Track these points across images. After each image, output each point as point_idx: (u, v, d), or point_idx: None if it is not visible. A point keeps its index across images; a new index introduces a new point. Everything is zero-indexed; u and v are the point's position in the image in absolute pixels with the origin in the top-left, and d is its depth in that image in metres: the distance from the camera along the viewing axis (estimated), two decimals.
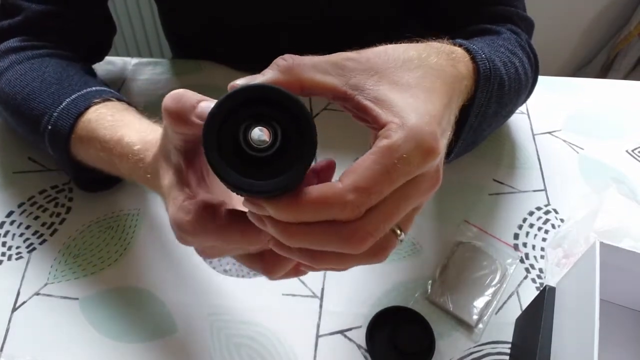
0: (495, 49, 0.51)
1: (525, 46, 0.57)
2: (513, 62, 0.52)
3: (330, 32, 0.70)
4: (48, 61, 0.56)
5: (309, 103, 0.69)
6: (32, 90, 0.53)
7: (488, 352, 0.49)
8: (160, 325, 0.50)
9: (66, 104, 0.50)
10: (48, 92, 0.52)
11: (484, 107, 0.46)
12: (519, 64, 0.53)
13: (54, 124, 0.50)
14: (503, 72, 0.48)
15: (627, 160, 0.64)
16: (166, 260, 0.54)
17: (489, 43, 0.53)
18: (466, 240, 0.56)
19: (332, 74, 0.31)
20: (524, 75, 0.54)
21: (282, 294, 0.52)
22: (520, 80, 0.53)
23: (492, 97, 0.47)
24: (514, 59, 0.53)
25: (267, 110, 0.28)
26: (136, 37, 1.41)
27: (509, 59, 0.52)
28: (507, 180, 0.61)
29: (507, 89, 0.50)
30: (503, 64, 0.49)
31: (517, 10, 0.60)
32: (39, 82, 0.53)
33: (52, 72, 0.55)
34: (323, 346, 0.49)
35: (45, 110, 0.51)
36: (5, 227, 0.56)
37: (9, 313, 0.50)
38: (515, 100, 0.56)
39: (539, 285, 0.53)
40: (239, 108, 0.28)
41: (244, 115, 0.28)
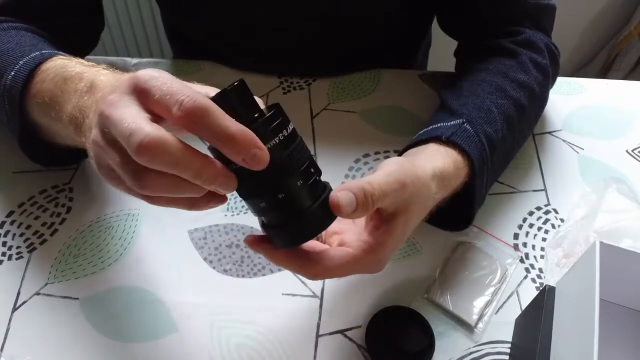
0: (497, 102, 0.56)
1: (541, 61, 0.61)
2: (520, 102, 0.57)
3: (333, 32, 0.70)
4: (23, 33, 0.55)
5: (309, 103, 0.69)
6: (6, 49, 0.51)
7: (488, 352, 0.49)
8: (160, 325, 0.50)
9: (33, 55, 0.49)
10: (21, 50, 0.50)
11: (488, 173, 0.54)
12: (526, 99, 0.58)
13: (16, 72, 0.48)
14: (505, 133, 0.55)
15: (627, 160, 0.64)
16: (166, 260, 0.54)
17: (495, 93, 0.57)
18: (466, 240, 0.56)
19: (386, 203, 0.40)
20: (530, 104, 0.59)
21: (282, 294, 0.52)
22: (527, 112, 0.59)
23: (494, 161, 0.54)
24: (522, 94, 0.58)
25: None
26: (136, 37, 1.41)
27: (516, 102, 0.57)
28: (507, 180, 0.61)
29: (512, 138, 0.57)
30: (506, 119, 0.55)
31: (537, 2, 0.63)
32: (14, 43, 0.52)
33: (29, 39, 0.53)
34: (323, 346, 0.49)
35: (13, 62, 0.49)
36: (5, 227, 0.56)
37: (9, 313, 0.50)
38: (529, 126, 0.64)
39: (539, 285, 0.53)
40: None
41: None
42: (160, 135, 0.31)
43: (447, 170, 0.47)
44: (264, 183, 0.35)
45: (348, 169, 0.62)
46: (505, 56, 0.61)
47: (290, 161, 0.35)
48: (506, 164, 0.60)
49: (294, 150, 0.35)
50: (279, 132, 0.34)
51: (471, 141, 0.51)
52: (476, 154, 0.50)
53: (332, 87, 0.71)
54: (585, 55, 1.66)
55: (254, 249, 0.41)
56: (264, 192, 0.36)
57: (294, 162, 0.35)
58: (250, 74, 0.72)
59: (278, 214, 0.37)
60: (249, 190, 0.36)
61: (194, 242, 0.55)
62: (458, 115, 0.54)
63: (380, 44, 0.74)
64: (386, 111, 0.68)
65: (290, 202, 0.36)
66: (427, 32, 0.85)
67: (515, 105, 0.57)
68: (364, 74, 0.73)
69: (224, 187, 0.34)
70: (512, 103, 0.56)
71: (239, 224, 0.57)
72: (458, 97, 0.57)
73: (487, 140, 0.52)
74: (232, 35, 0.72)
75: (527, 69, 0.59)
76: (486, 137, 0.52)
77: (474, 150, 0.51)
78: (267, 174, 0.34)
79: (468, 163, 0.50)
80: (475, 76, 0.59)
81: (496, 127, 0.54)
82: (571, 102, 0.71)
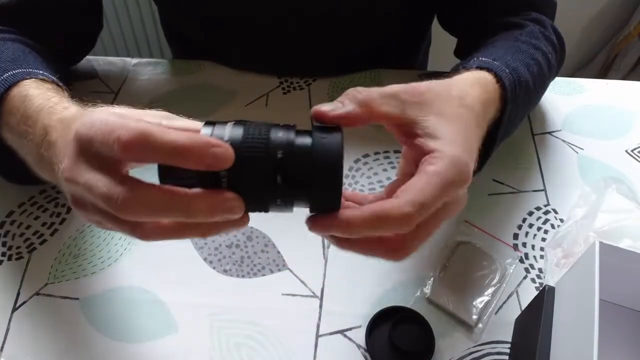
0: (517, 52, 0.54)
1: (549, 35, 0.60)
2: (536, 58, 0.55)
3: (333, 32, 0.70)
4: (10, 44, 0.54)
5: (309, 103, 0.69)
6: None
7: (488, 352, 0.49)
8: (160, 325, 0.50)
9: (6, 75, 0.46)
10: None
11: (512, 116, 0.51)
12: (542, 59, 0.56)
13: None
14: (528, 77, 0.52)
15: (627, 160, 0.64)
16: (166, 260, 0.54)
17: (512, 46, 0.55)
18: (466, 240, 0.56)
19: (393, 105, 0.37)
20: (547, 68, 0.58)
21: (282, 294, 0.52)
22: (544, 75, 0.58)
23: (519, 104, 0.51)
24: (537, 54, 0.56)
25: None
26: (136, 37, 1.41)
27: (533, 56, 0.55)
28: (507, 180, 0.61)
29: (533, 89, 0.54)
30: (527, 66, 0.53)
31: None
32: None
33: (10, 51, 0.51)
34: (323, 346, 0.49)
35: None
36: (5, 227, 0.56)
37: (9, 313, 0.50)
38: (541, 94, 0.62)
39: (539, 285, 0.53)
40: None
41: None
42: (132, 191, 0.30)
43: (483, 78, 0.45)
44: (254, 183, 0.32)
45: (348, 169, 0.62)
46: (513, 28, 0.59)
47: (253, 142, 0.32)
48: (520, 121, 0.57)
49: (250, 129, 0.33)
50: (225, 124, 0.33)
51: (501, 69, 0.48)
52: (507, 82, 0.47)
53: (332, 87, 0.71)
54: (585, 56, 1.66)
55: (322, 225, 0.34)
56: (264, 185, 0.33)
57: (257, 140, 0.32)
58: (250, 74, 0.72)
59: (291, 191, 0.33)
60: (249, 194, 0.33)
61: (194, 242, 0.56)
62: (481, 55, 0.51)
63: (380, 44, 0.74)
64: None
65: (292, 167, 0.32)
66: (427, 32, 0.85)
67: (533, 59, 0.55)
68: (364, 74, 0.73)
69: (231, 210, 0.31)
70: (530, 56, 0.55)
71: None
72: (470, 57, 0.54)
73: (515, 75, 0.49)
74: (231, 35, 0.72)
75: (537, 37, 0.58)
76: (514, 71, 0.49)
77: (505, 77, 0.47)
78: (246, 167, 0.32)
79: (500, 87, 0.46)
80: (483, 46, 0.58)
81: (521, 69, 0.51)
82: (571, 102, 0.71)
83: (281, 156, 0.32)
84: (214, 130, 0.33)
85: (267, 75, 0.72)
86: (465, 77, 0.45)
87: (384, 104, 0.37)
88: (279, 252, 0.55)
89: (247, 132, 0.33)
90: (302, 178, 0.33)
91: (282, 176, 0.32)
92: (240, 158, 0.31)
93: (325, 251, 0.55)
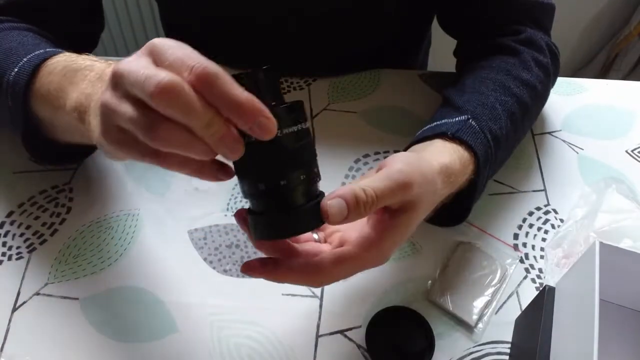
0: (503, 97, 0.56)
1: (542, 60, 0.61)
2: (522, 100, 0.57)
3: (333, 32, 0.70)
4: (26, 33, 0.55)
5: (309, 103, 0.69)
6: (9, 47, 0.52)
7: (488, 352, 0.49)
8: (160, 325, 0.50)
9: (36, 53, 0.49)
10: (24, 49, 0.51)
11: (490, 169, 0.54)
12: (528, 99, 0.58)
13: (19, 69, 0.49)
14: (509, 129, 0.55)
15: (627, 160, 0.64)
16: (166, 260, 0.54)
17: (500, 87, 0.57)
18: (466, 240, 0.56)
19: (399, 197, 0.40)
20: (533, 102, 0.59)
21: (282, 294, 0.52)
22: (530, 110, 0.60)
23: (497, 158, 0.54)
24: (525, 92, 0.58)
25: None
26: (136, 37, 1.41)
27: (520, 99, 0.57)
28: (507, 180, 0.61)
29: (514, 135, 0.57)
30: (510, 115, 0.56)
31: (537, 0, 0.63)
32: (17, 42, 0.52)
33: (31, 39, 0.54)
34: (323, 346, 0.49)
35: (16, 60, 0.50)
36: (5, 227, 0.56)
37: (9, 313, 0.50)
38: (530, 125, 0.64)
39: (539, 285, 0.53)
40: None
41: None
42: (175, 78, 0.31)
43: (453, 167, 0.47)
44: (272, 164, 0.35)
45: (348, 169, 0.62)
46: (507, 54, 0.61)
47: (300, 153, 0.36)
48: (505, 160, 0.60)
49: (306, 145, 0.36)
50: (296, 124, 0.35)
51: (477, 137, 0.51)
52: (482, 151, 0.50)
53: (332, 87, 0.71)
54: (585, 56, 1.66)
55: (253, 273, 0.41)
56: (269, 174, 0.36)
57: (304, 155, 0.36)
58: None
59: (271, 201, 0.37)
60: (256, 167, 0.36)
61: (194, 242, 0.56)
62: (463, 111, 0.54)
63: (380, 44, 0.74)
64: (386, 111, 0.68)
65: (288, 193, 0.36)
66: (427, 32, 0.85)
67: (519, 103, 0.57)
68: (364, 74, 0.73)
69: (231, 149, 0.33)
70: (516, 101, 0.56)
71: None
72: (462, 94, 0.57)
73: (492, 137, 0.52)
74: (231, 35, 0.72)
75: (529, 67, 0.59)
76: (491, 133, 0.52)
77: (480, 147, 0.50)
78: (277, 157, 0.35)
79: (474, 160, 0.50)
80: (478, 74, 0.59)
81: (500, 125, 0.54)
82: (571, 102, 0.71)
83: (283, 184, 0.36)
84: (285, 115, 0.35)
85: None
86: (449, 161, 0.48)
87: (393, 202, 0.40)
88: None
89: (301, 148, 0.36)
90: (267, 212, 0.38)
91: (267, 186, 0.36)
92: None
93: None
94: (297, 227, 0.37)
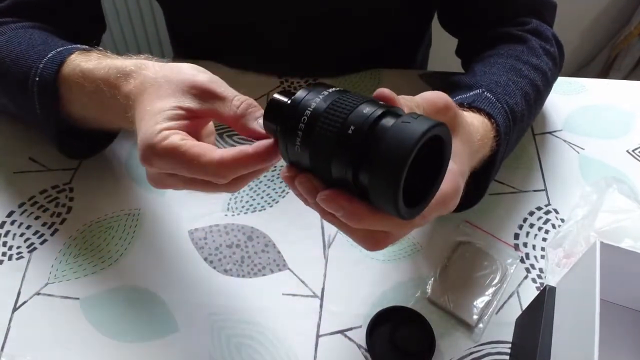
0: (517, 78, 0.55)
1: (549, 48, 0.61)
2: (535, 83, 0.57)
3: (333, 32, 0.70)
4: (32, 31, 0.56)
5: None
6: (19, 52, 0.53)
7: (488, 352, 0.49)
8: (160, 325, 0.50)
9: (52, 54, 0.50)
10: (35, 50, 0.52)
11: (508, 145, 0.52)
12: (540, 82, 0.58)
13: (41, 73, 0.50)
14: (524, 109, 0.54)
15: (627, 160, 0.64)
16: (166, 260, 0.54)
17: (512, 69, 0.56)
18: (466, 240, 0.56)
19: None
20: (544, 88, 0.59)
21: (282, 293, 0.52)
22: (541, 97, 0.60)
23: (514, 133, 0.53)
24: (537, 77, 0.57)
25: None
26: (136, 37, 1.41)
27: (532, 81, 0.56)
28: (508, 180, 0.61)
29: (528, 116, 0.56)
30: (524, 95, 0.54)
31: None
32: (26, 45, 0.53)
33: (38, 35, 0.55)
34: (323, 346, 0.49)
35: (32, 65, 0.51)
36: (5, 227, 0.56)
37: (9, 313, 0.50)
38: (539, 110, 0.64)
39: (539, 285, 0.53)
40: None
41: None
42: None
43: (479, 128, 0.45)
44: (318, 151, 0.33)
45: None
46: (514, 43, 0.60)
47: (332, 117, 0.32)
48: (515, 145, 0.59)
49: (339, 101, 0.33)
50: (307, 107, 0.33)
51: (494, 107, 0.49)
52: (501, 120, 0.49)
53: None
54: (586, 55, 1.66)
55: (331, 205, 0.34)
56: (324, 161, 0.33)
57: (338, 115, 0.32)
58: (250, 74, 0.72)
59: (356, 168, 0.32)
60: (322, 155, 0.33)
61: (194, 242, 0.55)
62: (477, 87, 0.52)
63: (380, 44, 0.74)
64: None
65: (355, 147, 0.31)
66: (427, 32, 0.85)
67: (531, 85, 0.56)
68: (364, 74, 0.73)
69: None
70: (528, 82, 0.56)
71: (239, 224, 0.57)
72: (472, 76, 0.56)
73: (509, 109, 0.50)
74: (231, 35, 0.72)
75: (538, 54, 0.59)
76: (508, 105, 0.51)
77: (499, 115, 0.48)
78: (315, 140, 0.33)
79: (494, 127, 0.48)
80: (487, 61, 0.59)
81: (516, 101, 0.52)
82: (572, 102, 0.71)
83: (350, 132, 0.31)
84: (307, 94, 0.34)
85: (267, 75, 0.72)
86: (476, 124, 0.46)
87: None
88: (279, 252, 0.55)
89: (333, 105, 0.33)
90: (363, 161, 0.31)
91: (345, 152, 0.32)
92: (315, 130, 0.32)
93: (325, 251, 0.55)
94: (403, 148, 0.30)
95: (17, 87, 0.52)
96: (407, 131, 0.30)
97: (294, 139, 0.34)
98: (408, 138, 0.29)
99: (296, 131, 0.33)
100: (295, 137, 0.34)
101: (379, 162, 0.30)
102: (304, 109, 0.33)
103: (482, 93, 0.50)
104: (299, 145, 0.34)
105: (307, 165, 0.34)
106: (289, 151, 0.35)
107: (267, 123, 0.37)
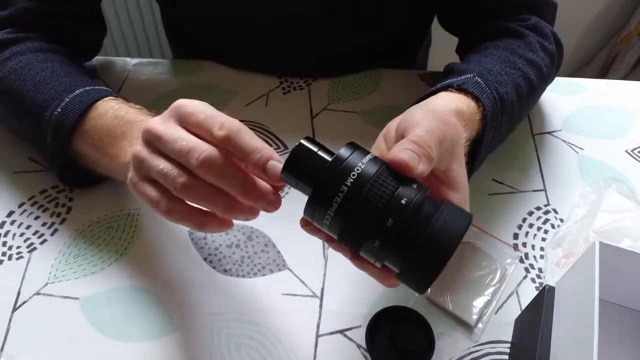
0: (510, 69, 0.55)
1: (547, 45, 0.61)
2: (528, 77, 0.57)
3: (333, 32, 0.70)
4: (53, 56, 0.58)
5: (309, 103, 0.69)
6: (42, 78, 0.54)
7: (487, 352, 0.49)
8: (160, 325, 0.50)
9: (79, 92, 0.52)
10: (59, 82, 0.53)
11: (495, 132, 0.53)
12: (534, 76, 0.58)
13: (64, 108, 0.51)
14: (514, 99, 0.54)
15: (627, 160, 0.64)
16: (166, 260, 0.54)
17: (506, 60, 0.56)
18: (466, 240, 0.56)
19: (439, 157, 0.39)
20: (538, 83, 0.60)
21: (282, 293, 0.52)
22: (535, 88, 0.59)
23: (502, 122, 0.53)
24: (531, 71, 0.57)
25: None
26: (136, 37, 1.41)
27: (525, 74, 0.56)
28: (507, 180, 0.61)
29: (519, 108, 0.56)
30: (515, 87, 0.54)
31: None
32: (49, 72, 0.55)
33: (59, 65, 0.56)
34: (323, 346, 0.49)
35: (56, 96, 0.52)
36: (5, 227, 0.56)
37: (9, 313, 0.50)
38: (532, 105, 0.64)
39: (539, 285, 0.53)
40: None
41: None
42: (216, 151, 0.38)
43: (463, 110, 0.46)
44: (355, 221, 0.35)
45: None
46: (512, 37, 0.60)
47: (377, 191, 0.34)
48: (506, 137, 0.59)
49: (382, 175, 0.35)
50: (345, 179, 0.35)
51: (483, 91, 0.50)
52: (488, 105, 0.49)
53: (332, 87, 0.71)
54: (585, 55, 1.66)
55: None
56: (359, 233, 0.35)
57: (382, 191, 0.34)
58: (250, 74, 0.72)
59: (395, 251, 0.35)
60: (354, 232, 0.35)
61: (194, 242, 0.56)
62: (468, 71, 0.53)
63: (380, 44, 0.74)
64: (386, 111, 0.68)
65: (394, 239, 0.34)
66: (427, 32, 0.85)
67: (524, 78, 0.56)
68: (364, 74, 0.73)
69: (271, 205, 0.40)
70: (521, 75, 0.56)
71: (239, 224, 0.57)
72: (467, 63, 0.57)
73: (498, 97, 0.51)
74: (231, 35, 0.72)
75: (535, 49, 0.59)
76: (497, 93, 0.51)
77: (486, 100, 0.49)
78: (356, 208, 0.34)
79: (481, 111, 0.48)
80: (482, 52, 0.59)
81: (507, 90, 0.53)
82: (571, 102, 0.71)
83: (391, 224, 0.34)
84: (351, 155, 0.36)
85: (267, 75, 0.72)
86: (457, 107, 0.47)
87: (438, 159, 0.39)
88: (279, 252, 0.55)
89: (378, 177, 0.35)
90: (400, 248, 0.35)
91: (381, 240, 0.35)
92: (358, 198, 0.34)
93: (325, 251, 0.55)
94: (440, 251, 0.34)
95: (32, 114, 0.53)
96: (444, 236, 0.34)
97: (327, 206, 0.35)
98: (445, 245, 0.34)
99: (332, 203, 0.35)
100: (329, 206, 0.35)
101: (418, 259, 0.34)
102: (344, 179, 0.35)
103: (473, 78, 0.51)
104: (331, 216, 0.35)
105: (335, 231, 0.36)
106: (316, 216, 0.36)
107: (288, 175, 0.38)
